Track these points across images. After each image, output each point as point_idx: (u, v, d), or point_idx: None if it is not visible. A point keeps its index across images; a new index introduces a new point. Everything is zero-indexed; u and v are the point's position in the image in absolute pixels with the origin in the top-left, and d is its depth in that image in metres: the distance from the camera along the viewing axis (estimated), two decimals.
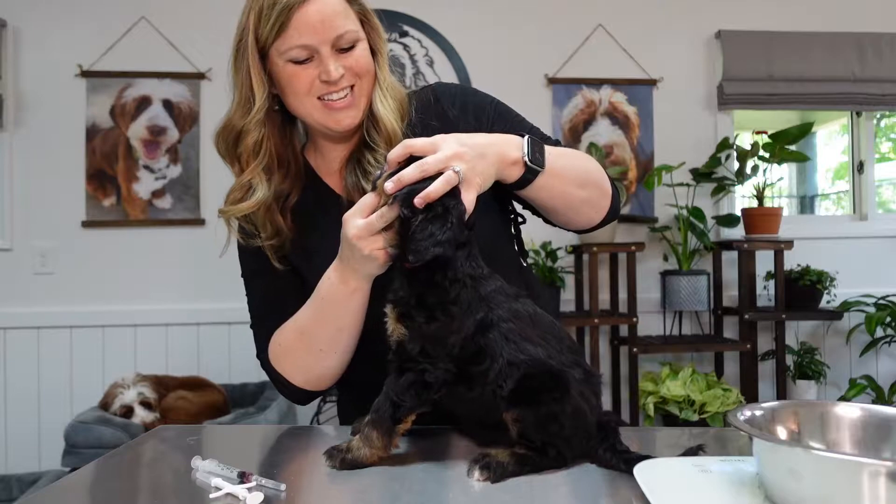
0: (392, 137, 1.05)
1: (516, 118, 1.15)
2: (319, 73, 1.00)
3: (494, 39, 3.20)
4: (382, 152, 1.05)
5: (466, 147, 0.87)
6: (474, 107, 1.13)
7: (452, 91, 1.16)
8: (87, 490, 0.81)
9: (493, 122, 1.12)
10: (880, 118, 3.68)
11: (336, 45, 1.00)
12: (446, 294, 0.82)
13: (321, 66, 1.00)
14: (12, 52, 3.00)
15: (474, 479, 0.76)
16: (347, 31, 1.00)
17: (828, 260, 3.13)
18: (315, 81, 1.01)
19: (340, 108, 1.03)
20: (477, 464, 0.78)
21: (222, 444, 1.03)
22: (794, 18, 3.30)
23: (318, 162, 1.16)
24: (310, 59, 1.00)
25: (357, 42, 1.03)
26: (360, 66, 1.03)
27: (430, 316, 0.81)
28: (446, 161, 0.84)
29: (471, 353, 0.82)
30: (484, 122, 1.12)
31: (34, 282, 3.00)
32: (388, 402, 0.81)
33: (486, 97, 1.16)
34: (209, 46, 3.07)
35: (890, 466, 0.57)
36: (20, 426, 2.96)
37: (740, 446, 0.89)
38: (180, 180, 3.05)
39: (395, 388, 0.81)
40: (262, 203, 1.06)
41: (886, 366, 3.30)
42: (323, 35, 0.98)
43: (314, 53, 0.99)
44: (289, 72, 1.00)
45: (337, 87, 1.02)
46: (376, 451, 0.80)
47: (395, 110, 1.07)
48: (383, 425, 0.80)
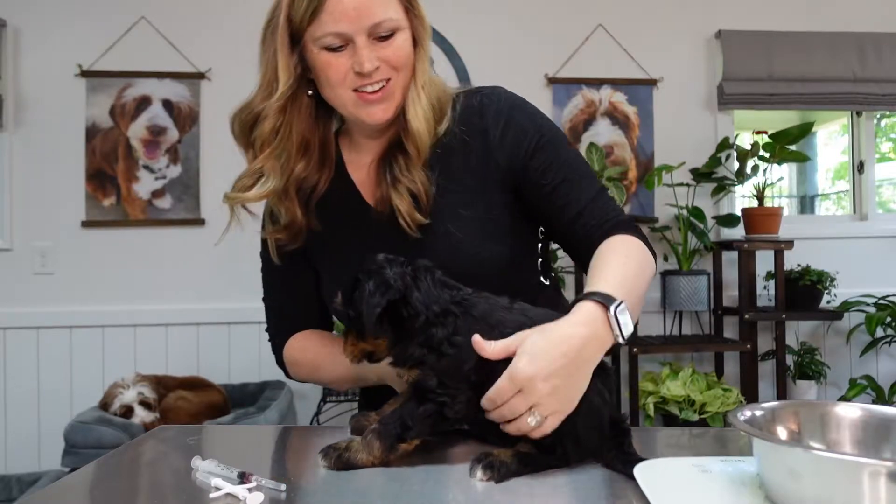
0: (421, 146, 0.99)
1: (563, 158, 1.03)
2: (353, 63, 0.94)
3: (494, 39, 3.20)
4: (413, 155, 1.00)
5: (550, 382, 0.77)
6: (516, 130, 1.03)
7: (500, 106, 1.04)
8: (87, 490, 0.81)
9: (531, 153, 1.02)
10: (880, 118, 3.68)
11: (373, 34, 0.93)
12: (442, 329, 0.81)
13: (355, 57, 0.93)
14: (12, 52, 3.00)
15: (477, 479, 0.76)
16: (386, 19, 0.93)
17: (828, 260, 3.13)
18: (349, 72, 0.95)
19: (374, 101, 0.97)
20: (479, 463, 0.77)
21: (222, 444, 1.03)
22: (794, 18, 3.30)
23: (351, 154, 1.11)
24: (344, 46, 0.94)
25: (397, 31, 0.95)
26: (397, 59, 0.96)
27: (438, 353, 0.80)
28: (523, 409, 0.78)
29: (486, 375, 0.80)
30: (519, 153, 1.02)
31: (34, 282, 2.99)
32: (398, 421, 0.80)
33: (534, 120, 1.05)
34: (209, 46, 3.07)
35: (890, 466, 0.57)
36: (20, 426, 2.96)
37: (740, 446, 0.89)
38: (180, 180, 3.05)
39: (411, 414, 0.80)
40: (271, 194, 1.02)
41: (886, 366, 3.30)
42: (358, 23, 0.92)
43: (349, 41, 0.93)
44: (323, 60, 0.95)
45: (371, 79, 0.95)
46: (373, 458, 0.80)
47: (428, 112, 1.00)
48: (387, 440, 0.80)
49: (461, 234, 1.02)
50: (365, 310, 0.80)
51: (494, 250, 1.02)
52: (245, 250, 3.04)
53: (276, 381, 2.88)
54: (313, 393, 2.99)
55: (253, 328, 3.01)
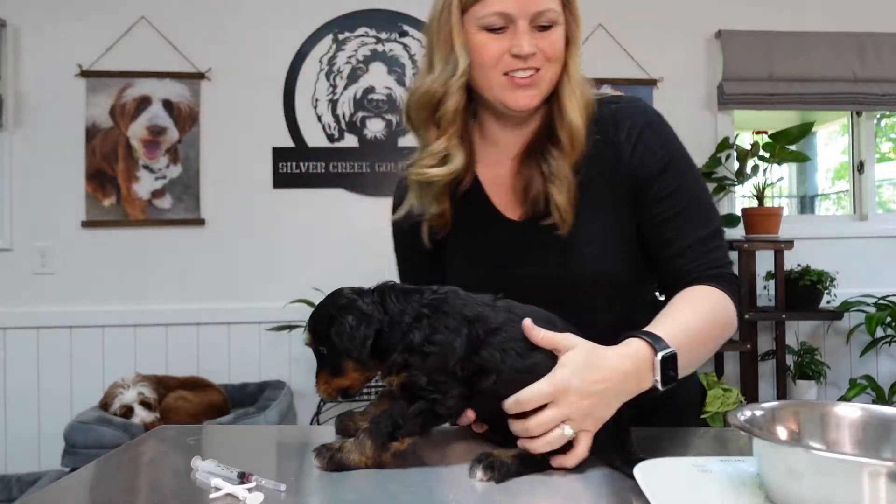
0: (576, 139, 1.00)
1: (684, 189, 1.01)
2: (511, 46, 0.95)
3: None
4: (566, 148, 1.00)
5: (588, 400, 0.78)
6: (645, 149, 1.02)
7: (636, 121, 1.04)
8: (87, 490, 0.81)
9: (654, 177, 1.01)
10: (880, 118, 3.68)
11: (534, 22, 0.95)
12: (419, 332, 0.81)
13: (514, 39, 0.95)
14: (12, 52, 3.00)
15: (477, 479, 0.76)
16: (549, 9, 0.95)
17: (828, 260, 3.13)
18: (505, 55, 0.96)
19: (524, 86, 0.98)
20: (480, 463, 0.77)
21: (222, 444, 1.03)
22: (794, 18, 3.30)
23: (481, 149, 1.10)
24: (504, 28, 0.95)
25: (555, 24, 0.97)
26: (552, 50, 0.97)
27: (421, 354, 0.80)
28: (556, 422, 0.77)
29: (473, 372, 0.81)
30: (643, 173, 1.02)
31: (34, 282, 2.99)
32: (389, 420, 0.80)
33: (664, 142, 1.03)
34: (209, 46, 3.07)
35: (890, 466, 0.57)
36: (20, 426, 2.96)
37: (740, 446, 0.89)
38: (180, 180, 3.05)
39: (402, 413, 0.80)
40: (455, 173, 1.01)
41: (886, 366, 3.30)
42: (525, 7, 0.94)
43: (510, 24, 0.95)
44: (480, 40, 0.96)
45: (525, 63, 0.96)
46: (366, 458, 0.79)
47: (581, 109, 1.01)
48: (379, 439, 0.79)
49: (591, 241, 1.02)
50: (353, 345, 0.80)
51: (618, 262, 1.03)
52: (245, 250, 3.06)
53: (276, 381, 2.88)
54: (313, 393, 2.97)
55: (253, 328, 3.01)
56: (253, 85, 3.10)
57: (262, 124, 3.09)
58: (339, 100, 3.16)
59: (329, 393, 0.85)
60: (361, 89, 3.16)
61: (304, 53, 3.14)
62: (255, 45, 3.12)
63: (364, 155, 3.16)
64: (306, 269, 3.02)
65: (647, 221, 1.03)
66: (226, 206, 3.06)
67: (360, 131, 3.16)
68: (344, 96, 3.16)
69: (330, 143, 3.14)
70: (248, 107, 3.08)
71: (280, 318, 2.92)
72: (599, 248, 1.02)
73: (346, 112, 3.16)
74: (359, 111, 3.16)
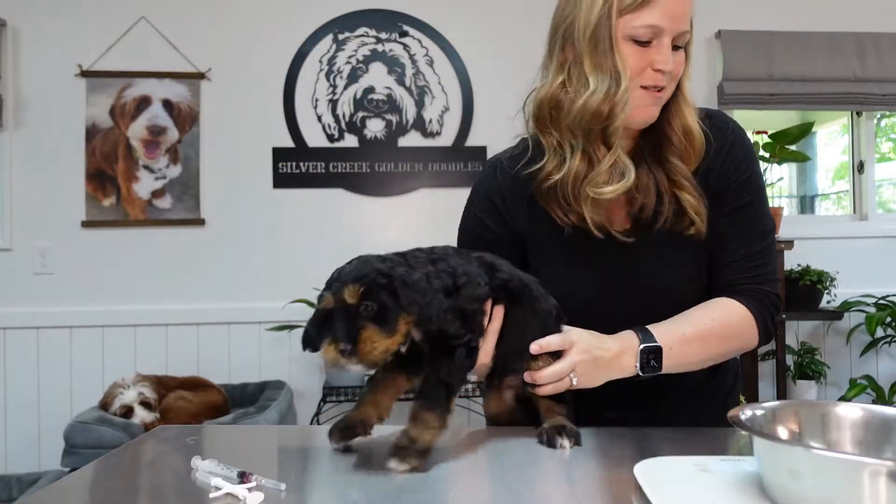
0: (697, 148, 1.04)
1: (752, 207, 1.07)
2: (654, 60, 0.97)
3: (494, 39, 3.20)
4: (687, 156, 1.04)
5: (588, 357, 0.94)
6: (731, 162, 1.08)
7: (727, 135, 1.09)
8: (87, 490, 0.81)
9: (731, 190, 1.07)
10: (880, 118, 3.67)
11: (676, 41, 0.98)
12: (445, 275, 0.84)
13: (658, 55, 0.96)
14: (12, 52, 3.00)
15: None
16: (688, 31, 0.99)
17: (828, 260, 3.13)
18: (648, 69, 0.97)
19: (655, 100, 1.00)
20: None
21: (222, 444, 1.03)
22: (794, 18, 3.30)
23: None
24: (649, 43, 0.97)
25: (686, 46, 1.01)
26: (678, 71, 1.01)
27: (455, 289, 0.84)
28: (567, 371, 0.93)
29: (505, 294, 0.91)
30: (722, 184, 1.07)
31: (34, 282, 3.00)
32: (437, 384, 0.82)
33: (747, 157, 1.09)
34: (209, 46, 3.07)
35: (890, 466, 0.57)
36: (20, 426, 2.96)
37: (740, 446, 0.89)
38: (180, 180, 3.05)
39: (449, 369, 0.83)
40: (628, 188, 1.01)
41: (887, 366, 3.30)
42: (675, 24, 0.96)
43: (656, 38, 0.96)
44: (625, 50, 0.97)
45: (663, 79, 0.99)
46: (436, 430, 0.80)
47: (696, 119, 1.05)
48: (437, 408, 0.81)
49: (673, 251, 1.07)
50: (433, 299, 0.80)
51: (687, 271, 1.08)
52: (245, 250, 3.06)
53: (276, 382, 2.88)
54: (313, 393, 2.99)
55: (253, 328, 3.02)
56: (253, 85, 3.10)
57: (262, 124, 3.09)
58: (339, 100, 3.16)
59: (374, 357, 0.77)
60: (361, 89, 3.16)
61: (304, 53, 3.14)
62: (255, 45, 3.12)
63: (364, 155, 3.16)
64: (306, 269, 3.02)
65: (712, 228, 1.07)
66: (226, 206, 3.06)
67: (360, 131, 3.16)
68: (344, 96, 3.16)
69: (330, 143, 3.15)
70: (248, 107, 3.09)
71: (280, 318, 2.92)
72: (679, 255, 1.08)
73: (346, 112, 3.16)
74: (359, 111, 3.16)
